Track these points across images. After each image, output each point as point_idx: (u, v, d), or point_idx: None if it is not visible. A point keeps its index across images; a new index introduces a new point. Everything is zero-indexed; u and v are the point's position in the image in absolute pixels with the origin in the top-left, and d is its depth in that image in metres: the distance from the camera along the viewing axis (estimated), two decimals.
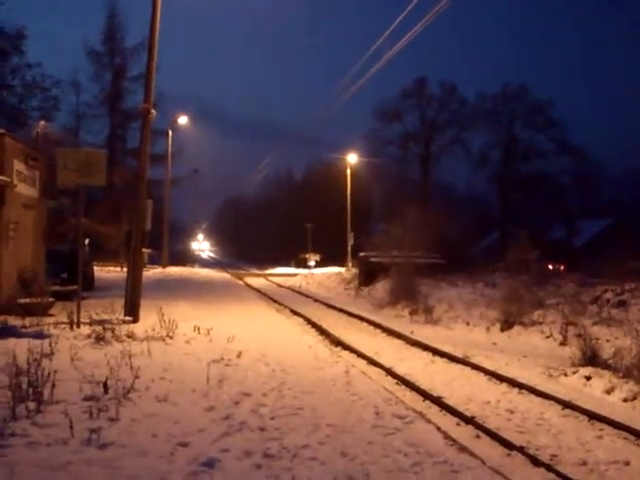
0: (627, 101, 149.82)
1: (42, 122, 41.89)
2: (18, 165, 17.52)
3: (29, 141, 30.48)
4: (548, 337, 16.38)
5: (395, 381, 11.17)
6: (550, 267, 35.20)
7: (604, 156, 70.81)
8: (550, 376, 11.81)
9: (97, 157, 15.41)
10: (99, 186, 16.47)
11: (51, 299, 16.87)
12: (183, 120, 53.43)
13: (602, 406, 9.36)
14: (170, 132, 51.83)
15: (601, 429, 8.34)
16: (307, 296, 31.59)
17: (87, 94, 55.01)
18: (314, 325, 18.70)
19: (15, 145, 17.69)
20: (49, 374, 7.49)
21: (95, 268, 30.95)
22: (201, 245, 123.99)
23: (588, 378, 11.23)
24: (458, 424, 8.44)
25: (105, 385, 7.87)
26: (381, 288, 29.93)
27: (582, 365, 12.12)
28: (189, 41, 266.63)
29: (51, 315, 15.78)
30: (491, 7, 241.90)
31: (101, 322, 13.61)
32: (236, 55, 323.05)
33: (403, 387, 10.72)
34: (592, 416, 8.74)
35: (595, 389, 10.68)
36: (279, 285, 40.98)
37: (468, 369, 12.43)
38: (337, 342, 15.35)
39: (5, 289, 16.36)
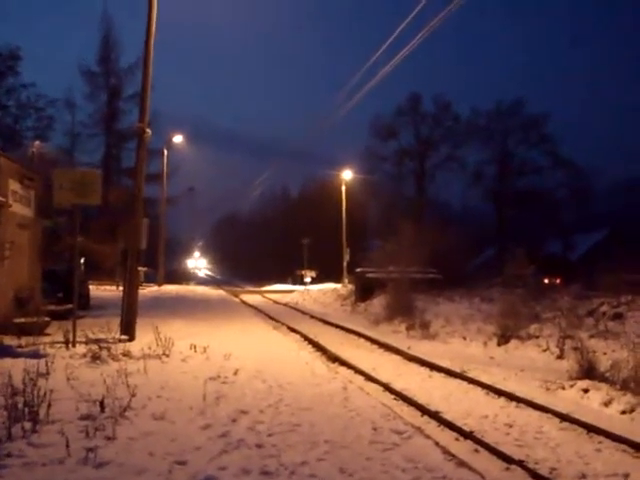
0: (617, 110, 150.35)
1: (37, 142, 42.01)
2: (13, 185, 17.54)
3: (24, 161, 30.51)
4: (545, 351, 16.35)
5: (393, 396, 11.14)
6: (546, 281, 35.26)
7: (596, 167, 71.18)
8: (548, 389, 11.79)
9: (92, 177, 15.46)
10: (95, 205, 16.49)
11: (47, 318, 16.83)
12: (178, 139, 53.65)
13: (600, 419, 9.34)
14: (165, 151, 51.99)
15: (600, 442, 8.32)
16: (303, 313, 31.53)
17: (82, 114, 55.32)
18: (311, 342, 18.65)
19: (10, 165, 17.72)
20: (45, 394, 7.46)
21: (91, 287, 30.89)
22: (197, 263, 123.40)
23: (586, 391, 11.21)
24: (457, 439, 8.41)
25: (101, 404, 7.85)
26: (378, 304, 29.90)
27: (579, 378, 12.11)
28: (183, 59, 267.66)
29: (47, 334, 15.73)
30: (485, 22, 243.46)
31: (97, 341, 13.62)
32: (231, 72, 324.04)
33: (401, 402, 10.69)
34: (590, 429, 8.72)
35: (593, 402, 10.66)
36: (275, 302, 40.92)
37: (465, 384, 12.40)
38: (334, 358, 15.31)
39: (1, 308, 16.32)
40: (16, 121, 44.60)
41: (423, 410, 9.94)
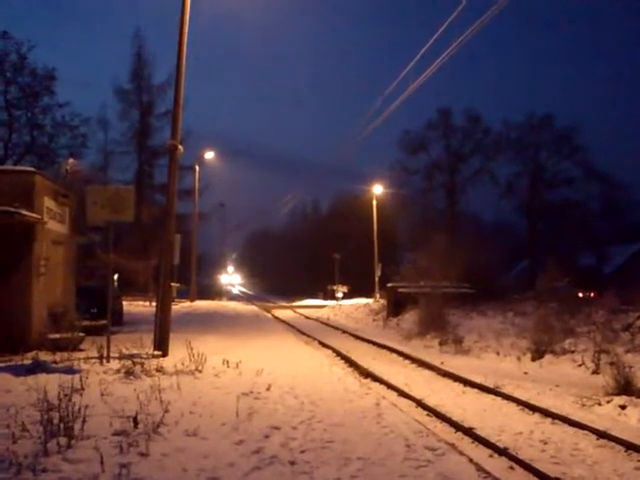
0: None
1: (71, 160, 42.55)
2: (48, 202, 17.79)
3: (58, 178, 30.97)
4: (580, 366, 16.15)
5: (426, 412, 11.05)
6: (580, 295, 34.80)
7: (631, 180, 70.31)
8: (583, 405, 11.61)
9: (126, 194, 15.59)
10: (128, 222, 16.65)
11: (81, 334, 16.99)
12: (209, 155, 54.19)
13: (639, 436, 9.17)
14: (197, 167, 52.48)
15: (639, 460, 8.16)
16: (335, 328, 31.49)
17: (115, 132, 55.88)
18: (343, 357, 18.61)
19: (45, 183, 17.99)
20: (80, 409, 7.53)
21: (124, 303, 31.16)
22: (231, 278, 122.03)
23: (623, 407, 11.03)
24: (491, 455, 8.31)
25: (135, 420, 7.88)
26: (410, 319, 29.77)
27: (616, 394, 11.93)
28: (215, 75, 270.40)
29: (81, 350, 15.88)
30: (514, 35, 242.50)
31: (130, 357, 13.70)
32: (261, 89, 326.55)
33: (434, 418, 10.60)
34: (629, 446, 8.56)
35: (631, 418, 10.48)
36: (307, 317, 40.92)
37: (500, 399, 12.27)
38: (366, 374, 15.24)
39: (36, 325, 16.52)
40: (51, 140, 45.10)
41: (457, 426, 9.84)
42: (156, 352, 15.28)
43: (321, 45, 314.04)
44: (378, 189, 57.35)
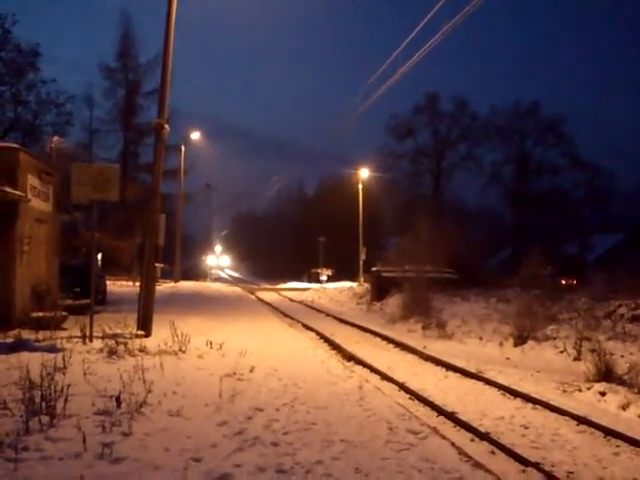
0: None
1: (56, 137, 42.19)
2: (32, 180, 17.64)
3: (43, 156, 30.69)
4: (562, 352, 16.25)
5: (409, 396, 11.10)
6: (563, 282, 35.08)
7: (617, 169, 70.82)
8: (564, 391, 11.70)
9: (111, 172, 15.46)
10: (112, 201, 16.53)
11: (64, 313, 16.92)
12: (195, 135, 53.90)
13: (618, 422, 9.26)
14: (183, 147, 52.19)
15: (617, 445, 8.24)
16: (319, 311, 31.53)
17: (101, 110, 55.39)
18: (326, 340, 18.64)
19: (29, 160, 17.82)
20: (62, 388, 7.49)
21: (108, 282, 31.04)
22: (219, 260, 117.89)
23: (603, 394, 11.12)
24: (472, 440, 8.35)
25: (118, 399, 7.86)
26: (393, 303, 29.83)
27: (596, 380, 12.03)
28: (202, 56, 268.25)
29: (64, 329, 15.80)
30: (502, 22, 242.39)
31: (114, 336, 13.67)
32: (249, 70, 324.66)
33: (417, 402, 10.64)
34: (608, 432, 8.64)
35: (610, 405, 10.57)
36: (291, 300, 40.92)
37: (481, 384, 12.34)
38: (350, 357, 15.28)
39: (19, 303, 16.42)
40: (36, 116, 44.58)
41: (439, 410, 9.89)
42: (139, 332, 15.26)
43: (310, 27, 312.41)
44: (364, 173, 57.31)
